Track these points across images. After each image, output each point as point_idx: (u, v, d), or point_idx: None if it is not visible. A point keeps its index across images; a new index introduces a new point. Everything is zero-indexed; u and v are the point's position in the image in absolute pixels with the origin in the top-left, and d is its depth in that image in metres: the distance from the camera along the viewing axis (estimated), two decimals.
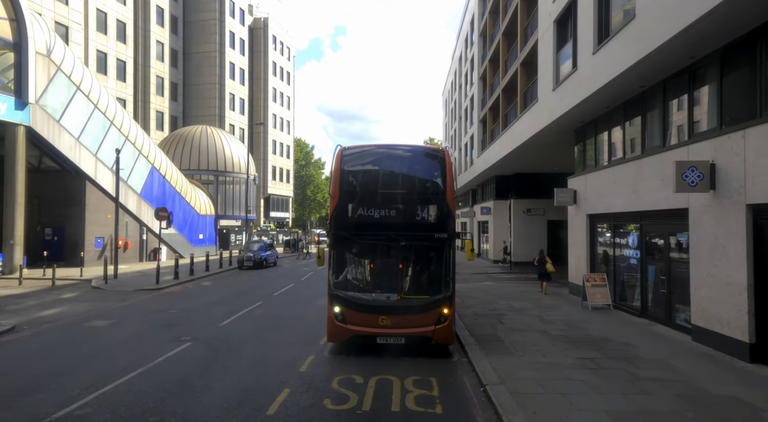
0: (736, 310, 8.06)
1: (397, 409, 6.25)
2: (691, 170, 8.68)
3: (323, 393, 6.79)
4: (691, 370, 7.55)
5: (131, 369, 7.86)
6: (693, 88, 9.68)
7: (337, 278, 8.96)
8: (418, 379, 7.40)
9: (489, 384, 6.93)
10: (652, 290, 11.54)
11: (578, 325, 11.07)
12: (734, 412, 5.89)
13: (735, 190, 8.14)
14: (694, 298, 9.35)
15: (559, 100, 14.48)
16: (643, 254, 11.83)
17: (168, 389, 6.99)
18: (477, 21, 31.58)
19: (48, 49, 23.55)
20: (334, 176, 9.15)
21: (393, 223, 8.72)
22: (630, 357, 8.31)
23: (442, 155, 9.36)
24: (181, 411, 6.14)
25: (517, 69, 20.44)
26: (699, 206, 9.13)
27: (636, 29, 9.73)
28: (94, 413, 6.08)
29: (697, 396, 6.41)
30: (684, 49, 8.95)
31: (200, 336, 10.31)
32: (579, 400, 6.29)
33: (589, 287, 13.32)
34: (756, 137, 7.68)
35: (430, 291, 8.78)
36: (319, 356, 8.79)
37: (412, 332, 8.55)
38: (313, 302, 14.74)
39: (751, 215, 7.87)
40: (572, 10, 13.79)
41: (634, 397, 6.40)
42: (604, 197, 13.66)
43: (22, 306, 14.34)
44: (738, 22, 7.73)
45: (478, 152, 30.99)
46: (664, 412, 5.88)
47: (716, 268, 8.63)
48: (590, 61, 12.17)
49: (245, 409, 6.19)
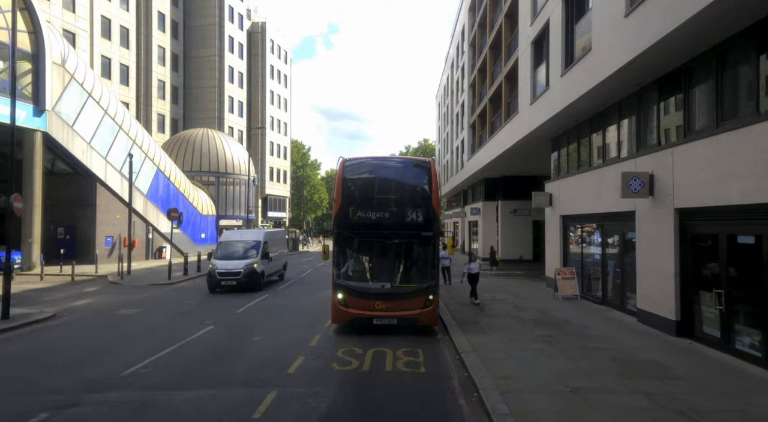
0: (666, 294, 9.85)
1: (390, 369, 7.96)
2: (634, 179, 10.46)
3: (330, 360, 8.49)
4: (628, 343, 9.32)
5: (169, 345, 9.50)
6: (640, 108, 11.47)
7: (340, 270, 10.66)
8: (407, 350, 9.11)
9: (463, 352, 8.66)
10: (611, 282, 13.34)
11: (547, 311, 12.83)
12: (649, 368, 7.65)
13: (666, 196, 9.92)
14: (639, 286, 11.15)
15: (536, 113, 16.26)
16: (604, 250, 13.63)
17: (204, 358, 8.67)
18: (467, 31, 33.34)
19: (63, 59, 25.04)
20: (337, 183, 10.84)
21: (387, 223, 10.41)
22: (582, 334, 10.07)
23: (428, 165, 11.08)
24: (219, 371, 7.82)
25: (501, 81, 22.23)
26: (642, 209, 10.92)
27: (592, 61, 11.52)
28: (153, 372, 7.77)
29: (625, 359, 8.17)
30: (631, 78, 10.72)
31: (220, 321, 11.97)
32: (532, 363, 8.02)
33: (560, 280, 15.09)
34: (680, 154, 9.46)
35: (418, 280, 10.51)
36: (324, 335, 10.49)
37: (403, 314, 10.25)
38: (315, 295, 16.40)
39: (678, 217, 9.66)
40: (546, 34, 15.55)
41: (576, 360, 8.14)
42: (574, 201, 15.45)
43: (53, 298, 15.91)
44: (664, 62, 9.54)
45: (468, 155, 32.76)
46: (595, 369, 7.63)
47: (654, 260, 10.42)
48: (559, 83, 13.94)
49: (270, 370, 7.87)
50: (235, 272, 16.61)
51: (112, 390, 6.95)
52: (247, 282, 16.67)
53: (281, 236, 22.99)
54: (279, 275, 20.58)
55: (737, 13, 7.37)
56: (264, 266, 17.78)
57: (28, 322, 11.75)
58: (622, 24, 9.95)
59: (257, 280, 17.14)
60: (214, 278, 16.57)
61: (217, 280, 16.56)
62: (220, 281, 16.51)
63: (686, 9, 7.64)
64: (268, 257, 18.08)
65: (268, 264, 18.37)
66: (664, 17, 8.31)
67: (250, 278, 16.78)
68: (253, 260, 17.23)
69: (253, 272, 16.90)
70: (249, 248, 17.72)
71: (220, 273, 16.59)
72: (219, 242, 18.38)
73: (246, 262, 17.00)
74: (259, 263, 17.34)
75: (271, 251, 18.65)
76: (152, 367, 8.01)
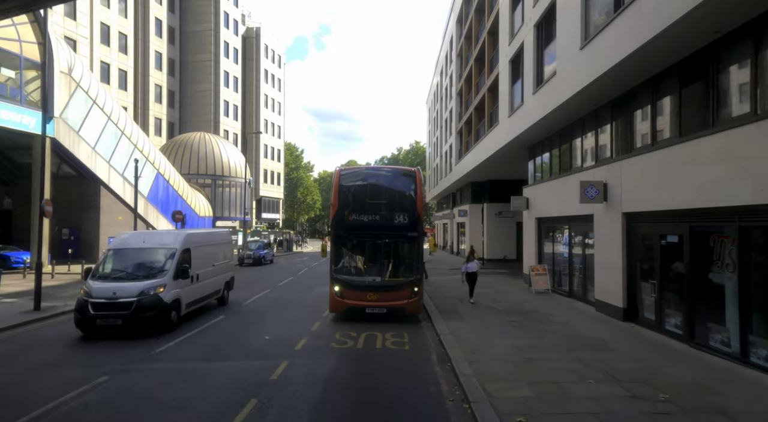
0: (616, 285, 11.55)
1: (380, 347, 9.56)
2: (591, 187, 12.15)
3: (330, 340, 10.06)
4: (581, 326, 11.00)
5: (190, 329, 11.00)
6: (597, 125, 13.19)
7: (336, 266, 12.23)
8: (394, 333, 10.70)
9: (442, 334, 10.26)
10: (577, 277, 15.04)
11: (519, 303, 14.49)
12: (590, 344, 9.30)
13: (617, 202, 11.63)
14: (596, 280, 12.86)
15: (514, 125, 17.95)
16: (571, 249, 15.34)
17: (223, 338, 10.22)
18: (455, 42, 35.06)
19: (69, 68, 26.33)
20: (334, 189, 12.42)
21: (378, 225, 12.00)
22: (545, 321, 11.72)
23: (414, 174, 12.69)
24: (237, 346, 9.37)
25: (485, 94, 23.94)
26: (599, 213, 12.62)
27: (557, 83, 13.21)
28: (181, 345, 9.28)
29: (574, 338, 9.83)
30: (588, 99, 12.43)
31: (230, 312, 13.47)
32: (497, 341, 9.64)
33: (533, 276, 16.78)
34: (627, 166, 11.17)
35: (405, 275, 12.11)
36: (323, 322, 12.04)
37: (391, 304, 11.84)
38: (312, 291, 17.91)
39: (625, 220, 11.37)
40: (521, 55, 17.26)
41: (534, 340, 9.77)
42: (547, 204, 17.15)
43: (69, 294, 17.23)
44: (610, 90, 11.28)
45: (456, 160, 34.46)
46: (548, 345, 9.26)
47: (607, 257, 12.12)
48: (531, 99, 15.64)
49: (280, 347, 9.43)
50: (121, 302, 10.05)
51: (151, 362, 8.46)
52: (143, 320, 10.13)
53: (223, 239, 15.18)
54: (218, 298, 14.15)
55: (660, 54, 9.08)
56: (181, 289, 11.33)
57: (56, 313, 13.15)
58: (578, 55, 11.66)
59: (164, 316, 10.51)
60: (85, 314, 10.07)
61: (89, 317, 10.05)
62: (95, 318, 10.04)
63: (623, 49, 9.33)
64: (185, 275, 11.47)
65: (191, 287, 11.94)
66: (609, 53, 10.00)
67: (150, 312, 10.20)
68: (158, 281, 10.67)
69: (155, 302, 10.31)
70: (155, 260, 11.32)
71: (95, 305, 10.03)
72: (107, 251, 12.05)
73: (143, 285, 10.42)
74: (170, 286, 10.86)
75: (199, 265, 12.39)
76: (177, 347, 9.54)
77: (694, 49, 8.71)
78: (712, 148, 8.18)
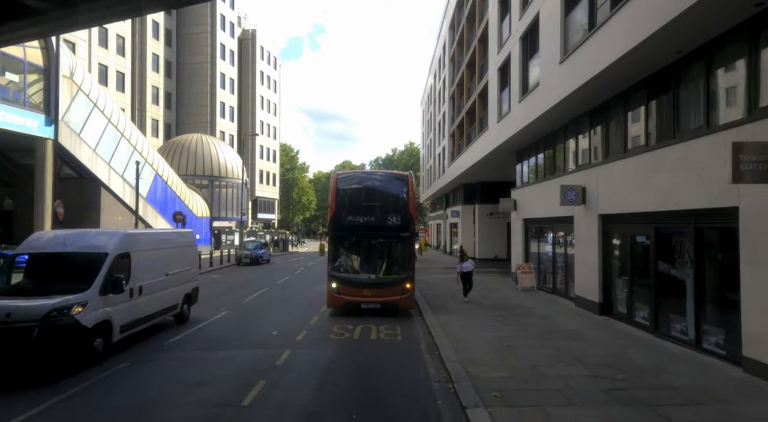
0: (593, 282, 12.47)
1: (375, 338, 10.40)
2: (570, 190, 13.07)
3: (328, 333, 10.89)
4: (560, 319, 11.90)
5: (197, 323, 11.77)
6: (577, 132, 14.11)
7: (334, 264, 13.06)
8: (388, 326, 11.54)
9: (431, 326, 11.13)
10: (559, 274, 15.96)
11: (506, 299, 15.38)
12: (566, 334, 10.20)
13: (594, 205, 12.55)
14: (576, 277, 13.78)
15: (502, 130, 18.86)
16: (554, 248, 16.26)
17: (227, 332, 10.99)
18: (448, 47, 35.97)
19: (71, 72, 26.95)
20: (331, 192, 13.25)
21: (372, 226, 12.84)
22: (528, 315, 12.62)
23: (406, 178, 13.55)
24: (242, 338, 10.16)
25: (475, 99, 24.85)
26: (578, 215, 13.54)
27: (540, 93, 14.13)
28: (190, 338, 10.08)
29: (552, 329, 10.73)
30: (568, 109, 13.35)
31: (232, 308, 14.25)
32: (483, 333, 10.51)
33: (520, 274, 17.69)
34: (603, 172, 12.09)
35: (397, 272, 12.96)
36: (321, 317, 12.86)
37: (385, 300, 12.69)
38: (310, 289, 18.71)
39: (601, 222, 12.30)
40: (509, 64, 18.17)
41: (516, 331, 10.65)
42: (533, 206, 18.07)
43: None
44: (587, 100, 12.20)
45: (449, 162, 35.37)
46: (528, 335, 10.15)
47: (585, 256, 13.04)
48: (518, 107, 16.55)
49: (282, 338, 10.25)
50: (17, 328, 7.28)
51: (170, 351, 9.25)
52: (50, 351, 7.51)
53: (181, 241, 12.14)
54: (174, 314, 11.48)
55: (628, 72, 10.00)
56: (113, 308, 8.59)
57: None
58: (558, 69, 12.58)
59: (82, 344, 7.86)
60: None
61: None
62: None
63: (597, 65, 10.24)
64: (118, 288, 8.60)
65: (130, 303, 9.21)
66: (585, 69, 10.91)
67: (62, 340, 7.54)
68: (74, 298, 7.88)
69: (69, 326, 7.60)
70: (77, 269, 8.59)
71: None
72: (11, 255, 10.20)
73: (53, 303, 7.63)
74: (94, 304, 8.10)
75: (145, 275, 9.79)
76: (188, 338, 10.34)
77: (659, 67, 9.64)
78: (674, 157, 9.10)
